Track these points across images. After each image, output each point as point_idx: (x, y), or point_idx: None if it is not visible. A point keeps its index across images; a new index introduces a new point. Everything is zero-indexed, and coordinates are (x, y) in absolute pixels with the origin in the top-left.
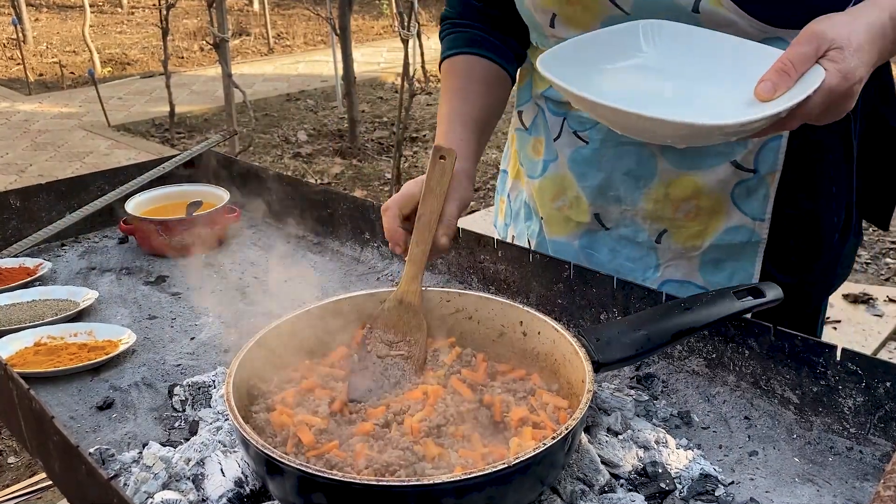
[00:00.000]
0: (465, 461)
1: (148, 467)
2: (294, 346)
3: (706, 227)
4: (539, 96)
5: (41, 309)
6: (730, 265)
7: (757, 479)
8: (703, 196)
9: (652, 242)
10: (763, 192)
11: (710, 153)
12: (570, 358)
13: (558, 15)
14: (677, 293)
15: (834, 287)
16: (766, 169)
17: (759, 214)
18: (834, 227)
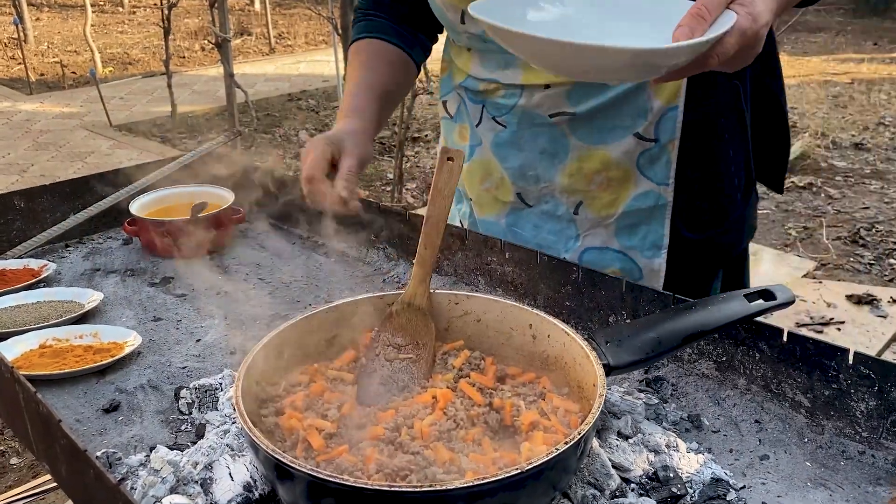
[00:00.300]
0: (477, 466)
1: (156, 471)
2: (302, 349)
3: (617, 195)
4: (459, 87)
5: (46, 310)
6: (642, 229)
7: (769, 484)
8: (612, 167)
9: (570, 215)
10: (665, 159)
11: (615, 128)
12: (581, 361)
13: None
14: (597, 259)
15: (745, 242)
16: (665, 138)
17: (663, 180)
18: (736, 188)
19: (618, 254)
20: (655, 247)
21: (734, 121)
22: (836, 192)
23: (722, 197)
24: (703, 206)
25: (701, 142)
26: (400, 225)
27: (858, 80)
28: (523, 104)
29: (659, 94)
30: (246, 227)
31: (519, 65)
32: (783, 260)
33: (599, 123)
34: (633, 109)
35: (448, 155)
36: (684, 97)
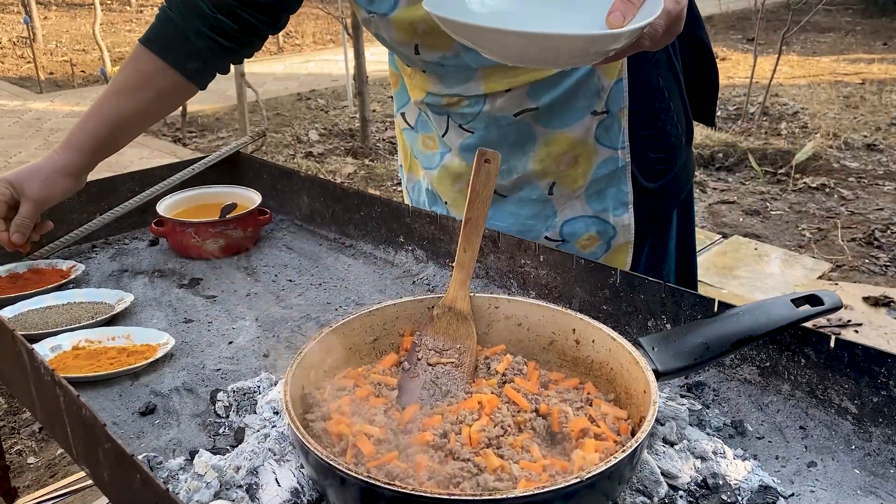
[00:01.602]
0: (529, 474)
1: (200, 476)
2: (344, 353)
3: (585, 168)
4: (420, 103)
5: (77, 312)
6: (610, 191)
7: (817, 491)
8: (577, 146)
9: (546, 196)
10: (617, 126)
11: (574, 111)
12: (629, 367)
13: (420, 45)
14: (575, 229)
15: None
16: (616, 107)
17: (619, 144)
18: (680, 134)
19: (592, 218)
20: (623, 204)
21: (671, 75)
22: (850, 193)
23: (669, 145)
24: (654, 157)
25: (645, 102)
26: (429, 227)
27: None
28: (488, 110)
29: (607, 73)
30: (272, 228)
31: (479, 77)
32: (797, 261)
33: (560, 110)
34: (588, 92)
35: (485, 157)
36: (627, 70)
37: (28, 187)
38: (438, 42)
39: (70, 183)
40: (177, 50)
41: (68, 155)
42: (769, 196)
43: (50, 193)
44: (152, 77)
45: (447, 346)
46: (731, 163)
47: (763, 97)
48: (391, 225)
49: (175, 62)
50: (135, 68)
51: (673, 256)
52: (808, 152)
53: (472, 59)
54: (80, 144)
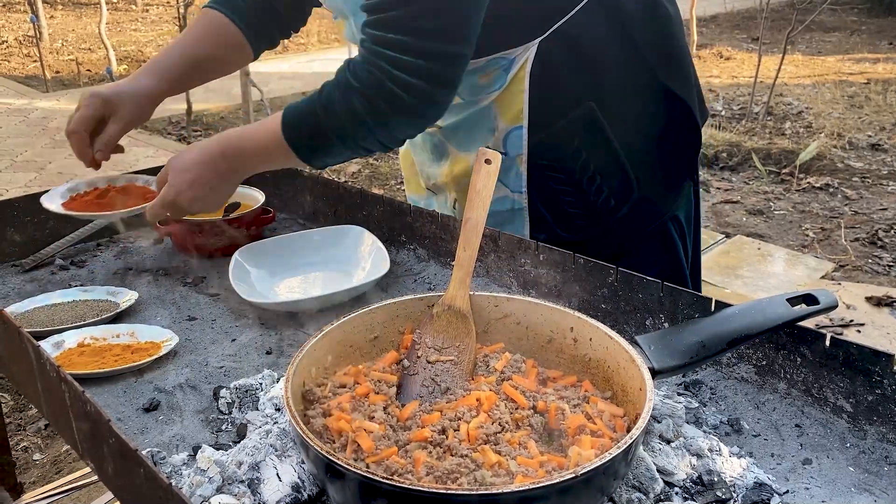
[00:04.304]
0: (525, 470)
1: (202, 471)
2: (345, 350)
3: None
4: None
5: (82, 310)
6: (508, 227)
7: (812, 489)
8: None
9: (452, 209)
10: (515, 171)
11: (473, 139)
12: (625, 365)
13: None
14: None
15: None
16: (514, 152)
17: (517, 188)
18: (605, 196)
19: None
20: None
21: (593, 137)
22: (854, 192)
23: (589, 204)
24: (572, 212)
25: (555, 157)
26: (431, 226)
27: (874, 80)
28: None
29: (503, 116)
30: (276, 226)
31: None
32: (800, 261)
33: (462, 135)
34: (484, 126)
35: (486, 157)
36: (528, 119)
37: (121, 108)
38: None
39: (151, 110)
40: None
41: (154, 81)
42: (773, 196)
43: (139, 117)
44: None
45: (446, 343)
46: (735, 162)
47: (767, 97)
48: (393, 224)
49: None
50: (207, 20)
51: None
52: (812, 152)
53: None
54: (164, 72)
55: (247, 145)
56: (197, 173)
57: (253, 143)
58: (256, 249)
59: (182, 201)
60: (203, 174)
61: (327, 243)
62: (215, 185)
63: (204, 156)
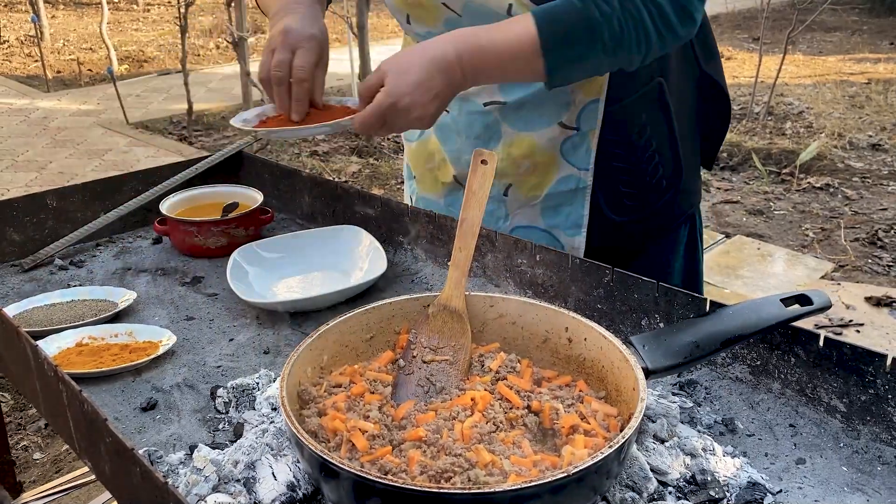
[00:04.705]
0: (519, 469)
1: (199, 470)
2: (340, 350)
3: (542, 179)
4: None
5: (81, 309)
6: (565, 209)
7: (805, 488)
8: (538, 153)
9: (501, 196)
10: (585, 147)
11: (541, 116)
12: (619, 365)
13: (411, 15)
14: (525, 236)
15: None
16: (587, 127)
17: (583, 165)
18: (660, 176)
19: (543, 232)
20: (576, 226)
21: (657, 115)
22: (854, 193)
23: (644, 185)
24: (625, 191)
25: (622, 133)
26: (428, 226)
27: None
28: (463, 94)
29: (582, 88)
30: (274, 227)
31: None
32: (800, 261)
33: (527, 112)
34: (558, 101)
35: (482, 158)
36: (605, 93)
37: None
38: (425, 18)
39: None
40: None
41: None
42: (773, 196)
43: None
44: None
45: (442, 343)
46: (736, 162)
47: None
48: (391, 224)
49: None
50: None
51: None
52: (813, 152)
53: None
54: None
55: (488, 47)
56: (423, 76)
57: (496, 44)
58: (254, 249)
59: (402, 107)
60: (431, 77)
61: (325, 243)
62: (441, 92)
63: (435, 56)
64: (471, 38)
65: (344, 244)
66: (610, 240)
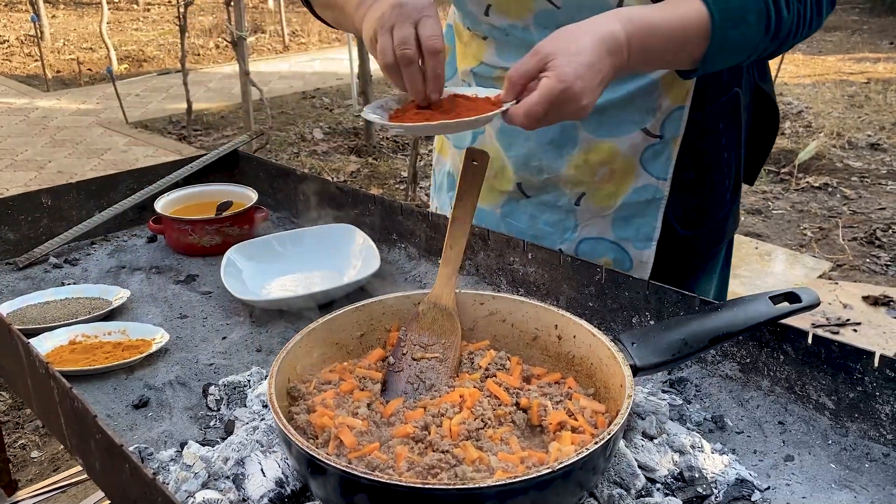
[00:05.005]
0: (506, 465)
1: (188, 466)
2: (331, 347)
3: (618, 187)
4: (468, 73)
5: (74, 307)
6: (637, 221)
7: (793, 485)
8: (618, 160)
9: (572, 205)
10: (666, 155)
11: (624, 122)
12: (608, 362)
13: (493, 5)
14: (592, 249)
15: (727, 237)
16: (670, 134)
17: (662, 174)
18: (726, 188)
19: (612, 244)
20: (647, 239)
21: (731, 125)
22: (852, 192)
23: (711, 196)
24: (693, 203)
25: (699, 142)
26: (422, 224)
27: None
28: None
29: (668, 94)
30: (268, 225)
31: None
32: (798, 260)
33: (610, 117)
34: (644, 106)
35: (473, 156)
36: (691, 99)
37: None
38: (512, 9)
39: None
40: None
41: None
42: (771, 195)
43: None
44: None
45: (432, 341)
46: None
47: None
48: (385, 223)
49: None
50: None
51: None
52: (812, 151)
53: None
54: None
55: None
56: (593, 57)
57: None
58: (249, 248)
59: (574, 94)
60: (601, 59)
61: (319, 242)
62: (606, 77)
63: (605, 36)
64: (638, 16)
65: (337, 242)
66: (672, 255)
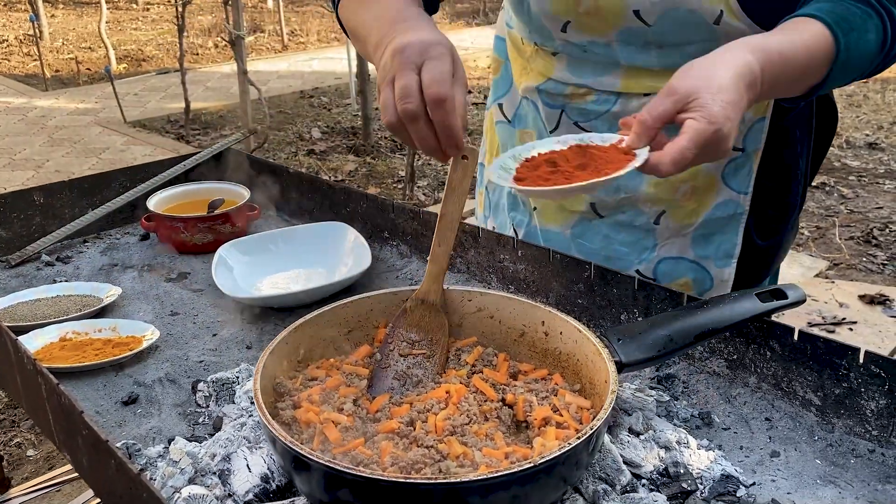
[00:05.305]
0: (490, 460)
1: (174, 462)
2: (318, 344)
3: (700, 205)
4: (531, 90)
5: (65, 304)
6: (717, 238)
7: (778, 481)
8: (700, 176)
9: (651, 224)
10: (748, 168)
11: None
12: (593, 358)
13: (572, 22)
14: (671, 269)
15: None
16: (752, 147)
17: (743, 189)
18: (798, 196)
19: (692, 264)
20: (727, 256)
21: (805, 131)
22: (850, 191)
23: (787, 204)
24: (771, 213)
25: (778, 152)
26: (413, 222)
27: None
28: (618, 111)
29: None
30: (261, 223)
31: (620, 73)
32: (795, 259)
33: None
34: None
35: (462, 153)
36: (772, 108)
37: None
38: (596, 25)
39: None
40: None
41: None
42: None
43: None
44: None
45: (419, 337)
46: None
47: None
48: (376, 220)
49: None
50: None
51: None
52: None
53: (624, 53)
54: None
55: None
56: (735, 94)
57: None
58: (240, 245)
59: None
60: (741, 96)
61: (310, 239)
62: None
63: (741, 69)
64: (768, 46)
65: (329, 240)
66: (748, 268)
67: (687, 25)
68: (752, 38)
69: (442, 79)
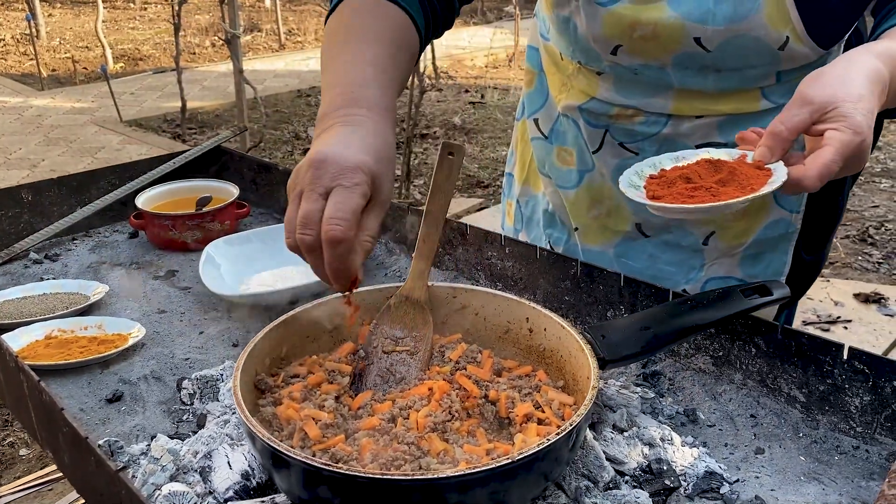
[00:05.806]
0: (470, 457)
1: (156, 459)
2: (301, 340)
3: (750, 225)
4: (572, 108)
5: (52, 302)
6: (766, 257)
7: (762, 478)
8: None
9: (699, 245)
10: None
11: None
12: (576, 354)
13: (624, 46)
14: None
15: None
16: None
17: (795, 207)
18: (842, 209)
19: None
20: (777, 274)
21: None
22: None
23: (834, 218)
24: (820, 227)
25: None
26: (402, 220)
27: None
28: (668, 133)
29: None
30: (251, 221)
31: (671, 95)
32: None
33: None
34: None
35: (449, 150)
36: None
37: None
38: (650, 50)
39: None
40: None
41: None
42: None
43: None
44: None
45: (403, 334)
46: None
47: None
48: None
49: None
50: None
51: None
52: None
53: (678, 77)
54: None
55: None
56: (872, 102)
57: None
58: (229, 243)
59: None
60: (875, 105)
61: None
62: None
63: (873, 76)
64: (891, 52)
65: None
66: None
67: (749, 51)
68: (879, 44)
69: (343, 216)
